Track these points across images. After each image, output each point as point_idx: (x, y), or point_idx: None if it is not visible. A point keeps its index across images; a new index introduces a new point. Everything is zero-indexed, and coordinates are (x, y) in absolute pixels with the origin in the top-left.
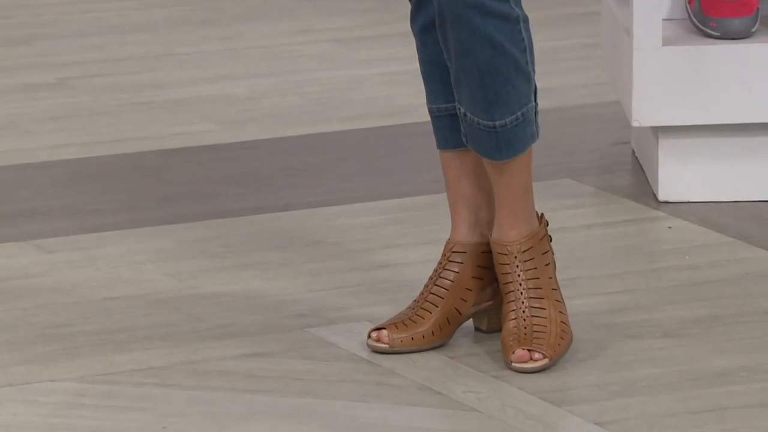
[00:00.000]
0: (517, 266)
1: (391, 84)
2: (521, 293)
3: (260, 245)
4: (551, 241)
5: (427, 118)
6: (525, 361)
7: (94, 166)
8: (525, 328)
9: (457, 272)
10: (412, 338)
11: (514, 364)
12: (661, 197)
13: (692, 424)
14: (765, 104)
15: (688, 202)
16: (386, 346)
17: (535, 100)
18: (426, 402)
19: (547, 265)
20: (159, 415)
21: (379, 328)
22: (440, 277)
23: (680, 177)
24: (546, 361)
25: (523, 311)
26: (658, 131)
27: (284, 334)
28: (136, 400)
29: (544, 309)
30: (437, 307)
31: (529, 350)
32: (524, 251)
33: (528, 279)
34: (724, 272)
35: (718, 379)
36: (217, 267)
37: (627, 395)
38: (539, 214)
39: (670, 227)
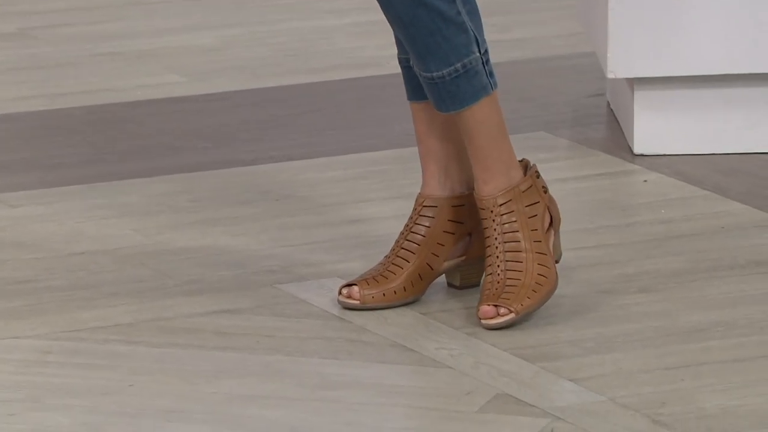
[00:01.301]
0: (494, 220)
1: (362, 35)
2: (497, 247)
3: (228, 200)
4: (546, 191)
5: (399, 69)
6: (491, 317)
7: (57, 118)
8: (498, 283)
9: (429, 227)
10: (384, 294)
11: (481, 321)
12: (637, 150)
13: (668, 380)
14: (742, 55)
15: (664, 155)
16: (357, 302)
17: (482, 51)
18: (397, 359)
19: (533, 216)
20: (125, 373)
21: (349, 284)
22: (411, 232)
23: (656, 129)
24: (511, 316)
25: (498, 266)
26: (634, 83)
27: (254, 291)
28: (102, 358)
29: (520, 263)
30: (409, 262)
31: (495, 306)
32: (501, 204)
33: (504, 233)
34: (700, 226)
35: (694, 334)
36: (185, 222)
37: (602, 351)
38: (528, 164)
39: (645, 181)
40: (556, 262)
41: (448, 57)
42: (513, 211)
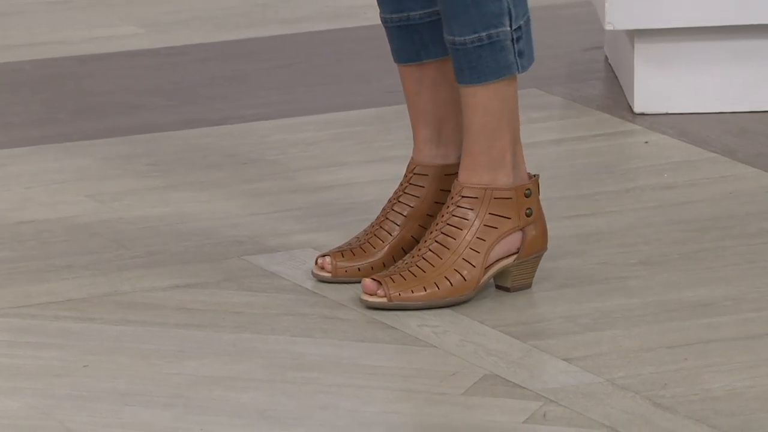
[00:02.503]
0: (449, 207)
1: None
2: (432, 233)
3: (191, 163)
4: (530, 214)
5: (378, 21)
6: (369, 293)
7: (4, 73)
8: (406, 263)
9: (418, 197)
10: (359, 269)
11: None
12: (637, 109)
13: (671, 359)
14: (753, 4)
15: (667, 114)
16: (329, 274)
17: (513, 26)
18: (376, 337)
19: (490, 227)
20: (79, 353)
21: (325, 255)
22: (399, 202)
23: (658, 86)
24: (382, 300)
25: (420, 249)
26: (634, 35)
27: (219, 263)
28: (54, 336)
29: (440, 258)
30: (392, 235)
31: (378, 283)
32: (463, 197)
33: (448, 224)
34: (707, 191)
35: (698, 309)
36: (144, 187)
37: (599, 328)
38: (532, 177)
39: (646, 142)
40: (511, 290)
41: (473, 23)
42: (472, 210)
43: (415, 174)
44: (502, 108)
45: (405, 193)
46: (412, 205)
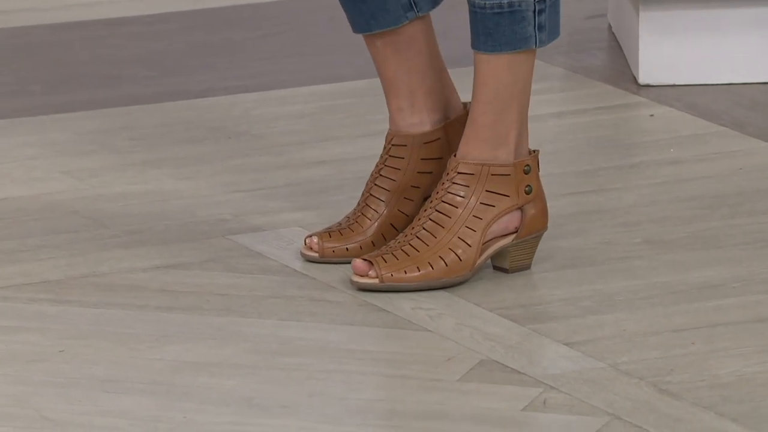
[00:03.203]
0: (443, 183)
1: None
2: (425, 210)
3: (173, 138)
4: (530, 192)
5: None
6: (360, 274)
7: None
8: (399, 242)
9: (400, 169)
10: (347, 249)
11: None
12: (642, 80)
13: (677, 343)
14: None
15: (674, 86)
16: (316, 254)
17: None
18: (368, 321)
19: (487, 205)
20: (56, 337)
21: (313, 235)
22: (381, 176)
23: (664, 56)
24: (374, 281)
25: (413, 227)
26: (639, 2)
27: (203, 243)
28: (29, 319)
29: (434, 237)
30: (378, 212)
31: (370, 263)
32: (459, 173)
33: (443, 201)
34: (715, 167)
35: (706, 291)
36: (123, 163)
37: (601, 311)
38: (531, 152)
39: (652, 115)
40: (509, 271)
41: None
42: (468, 187)
43: (393, 145)
44: (514, 82)
45: (386, 166)
46: (394, 178)
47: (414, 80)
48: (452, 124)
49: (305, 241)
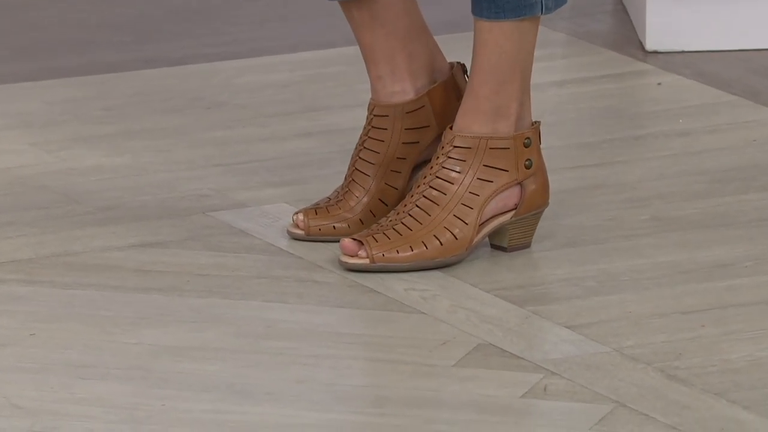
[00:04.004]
0: (438, 158)
1: None
2: (418, 186)
3: (150, 108)
4: (530, 166)
5: None
6: (349, 255)
7: None
8: (391, 220)
9: (383, 141)
10: (334, 227)
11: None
12: (649, 46)
13: (686, 326)
14: None
15: (682, 52)
16: (302, 232)
17: None
18: (358, 303)
19: (484, 181)
20: (25, 320)
21: (299, 212)
22: (365, 148)
23: (673, 21)
24: (365, 262)
25: (406, 204)
26: None
27: (182, 219)
28: None
29: (428, 215)
30: (365, 187)
31: (359, 242)
32: (455, 147)
33: (437, 177)
34: (727, 139)
35: (716, 271)
36: (97, 135)
37: (605, 292)
38: (532, 124)
39: (659, 83)
40: (508, 250)
41: None
42: (464, 161)
43: (375, 116)
44: (517, 50)
45: (369, 137)
46: (378, 150)
47: (394, 46)
48: (437, 90)
49: (293, 218)
